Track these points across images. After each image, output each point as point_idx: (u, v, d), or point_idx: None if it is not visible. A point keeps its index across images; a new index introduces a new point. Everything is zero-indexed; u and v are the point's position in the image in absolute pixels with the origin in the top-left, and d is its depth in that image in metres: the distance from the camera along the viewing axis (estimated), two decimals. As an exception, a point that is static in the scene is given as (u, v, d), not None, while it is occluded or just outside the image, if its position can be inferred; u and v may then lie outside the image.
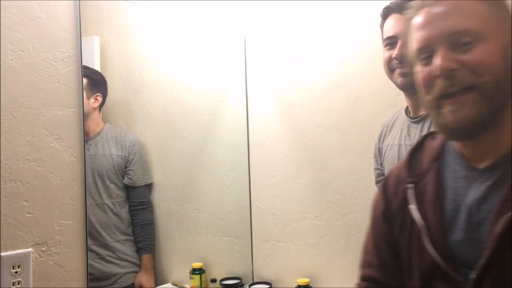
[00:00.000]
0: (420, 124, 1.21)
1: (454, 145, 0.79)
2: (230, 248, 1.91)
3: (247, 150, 1.90)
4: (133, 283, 1.66)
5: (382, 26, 1.28)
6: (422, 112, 1.21)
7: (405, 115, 1.28)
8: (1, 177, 1.13)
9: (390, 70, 1.24)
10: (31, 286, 1.17)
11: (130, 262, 1.67)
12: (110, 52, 1.67)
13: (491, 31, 0.69)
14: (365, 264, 0.89)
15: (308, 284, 1.66)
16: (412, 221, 0.78)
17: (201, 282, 1.76)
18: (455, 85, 0.69)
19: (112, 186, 1.63)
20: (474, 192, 0.73)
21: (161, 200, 1.79)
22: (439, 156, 0.80)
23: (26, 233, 1.17)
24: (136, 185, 1.70)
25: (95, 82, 1.60)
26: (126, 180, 1.67)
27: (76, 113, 1.30)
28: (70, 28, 1.29)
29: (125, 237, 1.66)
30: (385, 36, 1.26)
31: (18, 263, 1.15)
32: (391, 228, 0.84)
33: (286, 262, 1.80)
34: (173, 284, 1.77)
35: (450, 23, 0.69)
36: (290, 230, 1.79)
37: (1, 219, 1.13)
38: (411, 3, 0.77)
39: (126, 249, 1.66)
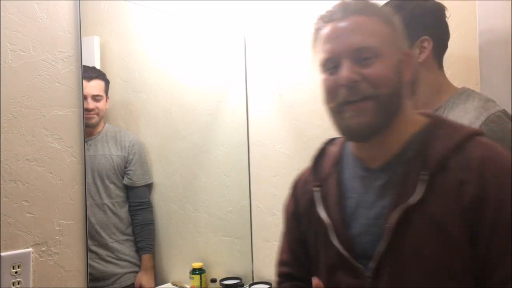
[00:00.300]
0: None
1: (351, 149, 0.89)
2: (230, 248, 1.91)
3: (247, 150, 1.90)
4: (133, 283, 1.66)
5: None
6: None
7: None
8: (1, 177, 1.13)
9: None
10: (31, 286, 1.17)
11: (130, 262, 1.67)
12: (110, 52, 1.67)
13: (387, 49, 0.79)
14: (280, 262, 1.01)
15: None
16: (319, 220, 0.87)
17: (201, 282, 1.76)
18: (356, 94, 0.78)
19: (111, 186, 1.63)
20: (370, 190, 0.83)
21: (161, 200, 1.79)
22: (339, 160, 0.91)
23: (26, 233, 1.17)
24: (136, 185, 1.70)
25: (108, 85, 1.62)
26: (125, 180, 1.67)
27: (76, 113, 1.30)
28: (70, 28, 1.29)
29: (124, 237, 1.66)
30: None
31: (18, 263, 1.15)
32: (301, 227, 0.95)
33: (286, 262, 1.80)
34: (173, 284, 1.77)
35: (354, 39, 0.79)
36: (290, 230, 1.79)
37: (1, 219, 1.13)
38: (320, 15, 0.85)
39: (126, 249, 1.66)
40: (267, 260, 1.86)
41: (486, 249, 0.72)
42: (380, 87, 0.78)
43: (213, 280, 1.77)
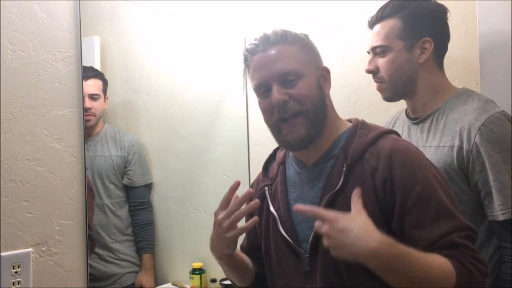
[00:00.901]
0: (420, 126, 1.21)
1: (292, 152, 1.04)
2: (230, 248, 1.91)
3: (247, 150, 1.90)
4: (133, 283, 1.66)
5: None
6: (420, 114, 1.21)
7: (405, 116, 1.28)
8: (1, 177, 1.13)
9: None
10: (31, 286, 1.17)
11: (130, 262, 1.67)
12: (110, 52, 1.67)
13: (307, 70, 0.94)
14: (241, 247, 1.17)
15: (308, 284, 1.66)
16: (269, 212, 1.02)
17: (201, 282, 1.76)
18: (287, 112, 0.93)
19: (111, 186, 1.63)
20: (306, 184, 0.98)
21: (161, 200, 1.79)
22: (284, 162, 1.05)
23: (26, 233, 1.18)
24: (136, 185, 1.70)
25: (106, 85, 1.62)
26: (125, 181, 1.67)
27: (76, 113, 1.30)
28: (70, 28, 1.29)
29: (124, 237, 1.66)
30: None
31: (18, 263, 1.15)
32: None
33: (286, 262, 1.80)
34: (173, 284, 1.77)
35: (278, 66, 0.93)
36: (290, 230, 1.79)
37: (1, 219, 1.13)
38: (246, 47, 1.00)
39: (126, 249, 1.66)
40: (267, 260, 1.86)
41: (399, 226, 0.86)
42: (305, 103, 0.92)
43: (213, 280, 1.77)
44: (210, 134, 1.92)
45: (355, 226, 0.78)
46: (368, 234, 0.78)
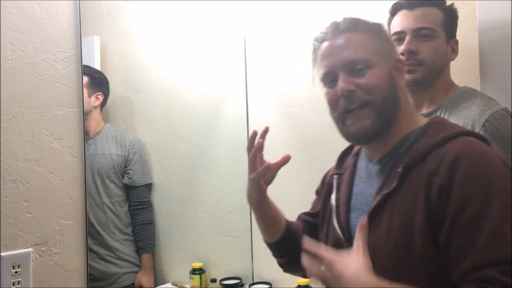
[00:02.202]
0: None
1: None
2: (230, 248, 1.91)
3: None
4: (133, 283, 1.66)
5: (389, 23, 1.26)
6: (424, 110, 1.22)
7: None
8: (1, 177, 1.13)
9: None
10: (31, 286, 1.17)
11: (130, 262, 1.67)
12: (110, 52, 1.67)
13: (377, 59, 0.88)
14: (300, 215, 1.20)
15: (308, 284, 1.66)
16: (330, 202, 1.00)
17: (201, 282, 1.76)
18: (354, 102, 0.88)
19: (111, 185, 1.63)
20: (368, 179, 0.94)
21: (161, 200, 1.79)
22: (357, 154, 1.02)
23: (26, 233, 1.18)
24: (136, 184, 1.70)
25: (97, 80, 1.60)
26: (125, 180, 1.67)
27: (76, 113, 1.30)
28: (70, 28, 1.29)
29: (124, 237, 1.66)
30: (392, 32, 1.23)
31: (18, 263, 1.15)
32: (317, 203, 1.12)
33: (286, 262, 1.80)
34: (173, 284, 1.77)
35: (347, 53, 0.88)
36: (290, 230, 1.79)
37: (1, 219, 1.13)
38: (315, 36, 0.94)
39: (126, 248, 1.66)
40: (267, 260, 1.86)
41: (446, 241, 0.77)
42: (373, 93, 0.87)
43: (213, 280, 1.77)
44: (210, 134, 1.92)
45: (347, 272, 0.77)
46: (358, 280, 0.76)
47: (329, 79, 0.91)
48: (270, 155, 1.84)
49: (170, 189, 1.84)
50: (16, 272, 1.14)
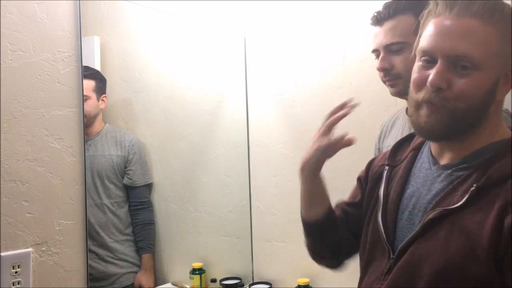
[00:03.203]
0: None
1: (430, 142, 0.89)
2: (230, 248, 1.91)
3: (247, 150, 1.90)
4: (133, 283, 1.66)
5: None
6: None
7: (406, 116, 1.28)
8: (1, 177, 1.13)
9: (381, 80, 1.25)
10: (31, 286, 1.17)
11: (130, 262, 1.67)
12: (110, 52, 1.67)
13: (491, 63, 0.74)
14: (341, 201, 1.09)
15: (308, 284, 1.66)
16: (377, 195, 0.91)
17: (201, 282, 1.76)
18: (437, 98, 0.76)
19: (111, 186, 1.63)
20: (427, 183, 0.83)
21: (161, 200, 1.79)
22: (418, 149, 0.90)
23: (26, 233, 1.17)
24: (136, 185, 1.70)
25: (102, 83, 1.61)
26: (125, 180, 1.67)
27: (76, 113, 1.30)
28: (70, 28, 1.29)
29: (124, 237, 1.66)
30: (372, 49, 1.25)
31: (18, 263, 1.15)
32: (361, 191, 1.02)
33: (286, 262, 1.80)
34: (173, 284, 1.77)
35: (461, 46, 0.74)
36: (290, 230, 1.79)
37: (1, 219, 1.13)
38: (442, 2, 0.78)
39: (125, 249, 1.66)
40: (267, 260, 1.86)
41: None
42: (461, 100, 0.75)
43: (213, 280, 1.77)
44: (210, 134, 1.92)
45: None
46: None
47: (426, 57, 0.78)
48: (270, 155, 1.85)
49: (170, 189, 1.84)
50: (16, 272, 1.14)
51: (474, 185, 0.74)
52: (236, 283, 1.80)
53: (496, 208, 0.70)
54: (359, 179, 1.05)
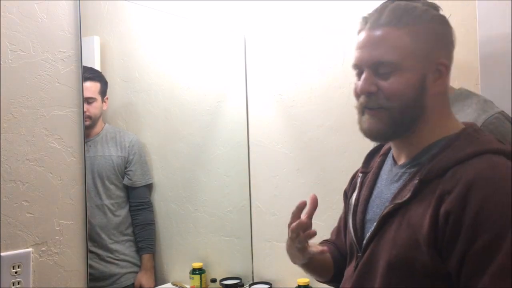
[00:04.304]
0: None
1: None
2: (230, 248, 1.91)
3: (247, 150, 1.90)
4: (133, 283, 1.66)
5: None
6: None
7: None
8: (1, 177, 1.13)
9: None
10: (31, 286, 1.17)
11: (130, 262, 1.67)
12: (110, 52, 1.67)
13: (410, 63, 0.81)
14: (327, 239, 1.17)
15: (308, 284, 1.66)
16: (350, 202, 0.98)
17: (201, 282, 1.76)
18: (373, 103, 0.84)
19: (112, 187, 1.63)
20: (388, 183, 0.90)
21: (161, 200, 1.79)
22: (387, 153, 0.97)
23: (26, 233, 1.17)
24: (136, 185, 1.70)
25: (106, 86, 1.62)
26: (126, 181, 1.67)
27: (76, 113, 1.30)
28: (70, 28, 1.29)
29: (124, 238, 1.66)
30: None
31: (18, 263, 1.15)
32: (345, 206, 1.08)
33: (286, 262, 1.78)
34: (173, 284, 1.77)
35: (377, 53, 0.83)
36: (290, 230, 1.79)
37: (1, 219, 1.13)
38: (363, 16, 0.88)
39: (126, 249, 1.66)
40: (267, 260, 1.86)
41: (455, 268, 0.73)
42: (392, 100, 0.82)
43: (213, 280, 1.77)
44: (210, 134, 1.92)
45: None
46: None
47: (357, 70, 0.88)
48: (270, 155, 1.85)
49: (170, 189, 1.84)
50: (16, 272, 1.14)
51: (417, 179, 0.80)
52: (236, 283, 1.80)
53: (435, 199, 0.76)
54: (345, 192, 1.09)
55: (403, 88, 0.82)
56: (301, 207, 0.96)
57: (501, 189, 0.72)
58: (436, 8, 0.87)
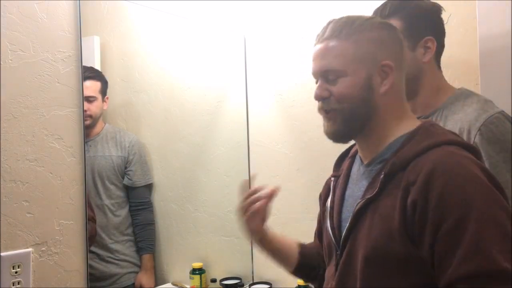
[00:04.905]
0: None
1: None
2: (230, 248, 1.91)
3: (247, 150, 1.90)
4: (133, 283, 1.66)
5: None
6: (419, 114, 1.21)
7: None
8: (1, 177, 1.13)
9: None
10: (31, 286, 1.17)
11: (130, 262, 1.67)
12: (110, 52, 1.67)
13: (352, 68, 0.90)
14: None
15: (308, 284, 1.66)
16: (326, 206, 1.03)
17: (201, 282, 1.76)
18: (327, 107, 0.93)
19: (112, 187, 1.63)
20: (358, 182, 0.95)
21: (161, 200, 1.79)
22: (355, 155, 1.03)
23: (26, 233, 1.17)
24: (136, 185, 1.70)
25: (106, 85, 1.62)
26: (126, 181, 1.67)
27: (76, 113, 1.30)
28: (70, 28, 1.29)
29: (124, 238, 1.66)
30: None
31: (18, 263, 1.15)
32: (320, 209, 1.12)
33: (286, 262, 1.80)
34: (173, 284, 1.77)
35: (322, 63, 0.93)
36: (290, 230, 1.79)
37: (1, 219, 1.13)
38: (317, 34, 0.96)
39: (126, 249, 1.66)
40: (267, 260, 1.85)
41: (428, 253, 0.77)
42: (342, 102, 0.91)
43: (213, 280, 1.77)
44: (210, 134, 1.92)
45: None
46: None
47: (315, 80, 0.97)
48: (270, 155, 1.85)
49: (170, 189, 1.84)
50: (16, 272, 1.14)
51: (383, 173, 0.85)
52: (236, 283, 1.80)
53: (400, 190, 0.81)
54: (320, 196, 1.13)
55: (350, 90, 0.90)
56: (256, 189, 1.08)
57: (458, 175, 0.77)
58: (382, 17, 1.04)
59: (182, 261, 1.82)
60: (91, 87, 1.56)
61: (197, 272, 1.76)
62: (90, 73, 1.53)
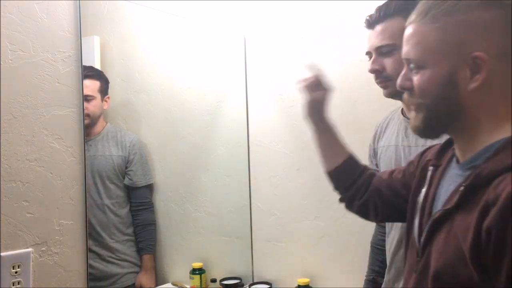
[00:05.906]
0: None
1: None
2: (230, 248, 1.91)
3: (247, 150, 1.90)
4: (134, 283, 1.66)
5: None
6: None
7: (401, 116, 1.28)
8: (1, 177, 1.13)
9: (375, 81, 1.25)
10: (31, 286, 1.17)
11: (130, 262, 1.67)
12: (110, 52, 1.67)
13: (433, 59, 0.78)
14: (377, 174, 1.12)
15: (308, 284, 1.66)
16: (417, 200, 0.90)
17: (201, 282, 1.76)
18: (412, 98, 0.83)
19: (112, 187, 1.63)
20: (450, 182, 0.83)
21: (161, 200, 1.79)
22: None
23: (26, 233, 1.17)
24: (137, 185, 1.70)
25: (106, 84, 1.62)
26: (126, 181, 1.67)
27: (76, 113, 1.30)
28: (70, 28, 1.29)
29: (125, 238, 1.66)
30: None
31: (18, 263, 1.15)
32: (405, 179, 1.02)
33: (286, 262, 1.80)
34: (173, 284, 1.77)
35: (405, 49, 0.82)
36: (290, 230, 1.79)
37: (1, 219, 1.13)
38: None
39: (126, 249, 1.66)
40: (267, 260, 1.86)
41: (503, 284, 0.66)
42: (421, 96, 0.80)
43: (213, 280, 1.77)
44: (210, 134, 1.92)
45: None
46: None
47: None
48: (270, 155, 1.85)
49: (170, 189, 1.84)
50: (16, 272, 1.14)
51: (463, 184, 0.74)
52: (236, 283, 1.80)
53: (478, 210, 0.69)
54: (411, 162, 1.03)
55: (428, 86, 0.79)
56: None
57: None
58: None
59: (182, 261, 1.82)
60: (89, 86, 1.56)
61: (197, 272, 1.76)
62: (88, 72, 1.52)
